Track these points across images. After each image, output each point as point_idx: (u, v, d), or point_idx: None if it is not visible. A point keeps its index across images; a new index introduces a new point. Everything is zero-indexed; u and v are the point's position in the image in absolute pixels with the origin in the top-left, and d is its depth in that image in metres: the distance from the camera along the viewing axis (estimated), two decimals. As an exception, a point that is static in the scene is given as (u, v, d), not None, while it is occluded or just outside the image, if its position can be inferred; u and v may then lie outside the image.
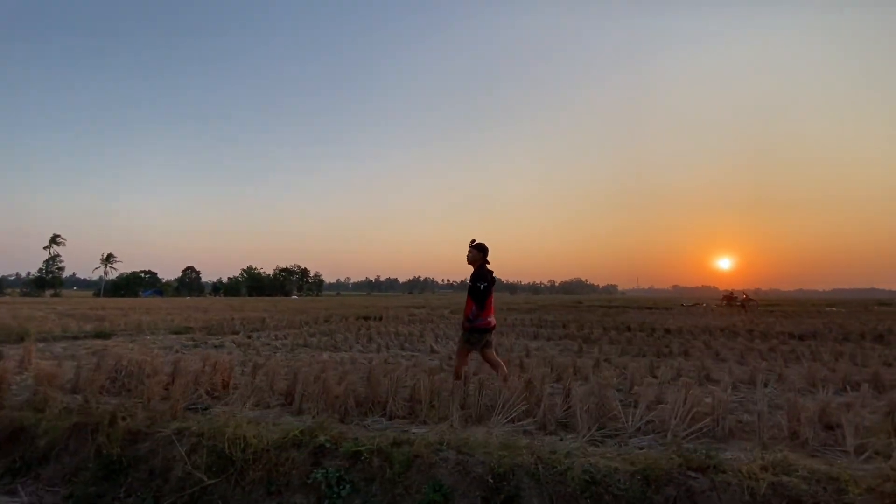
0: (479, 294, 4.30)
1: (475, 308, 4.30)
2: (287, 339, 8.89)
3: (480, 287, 4.32)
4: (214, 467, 2.67)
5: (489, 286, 4.38)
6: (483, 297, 4.32)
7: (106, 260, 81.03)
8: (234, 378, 4.27)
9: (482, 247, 4.51)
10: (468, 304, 4.35)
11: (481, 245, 4.51)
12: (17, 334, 8.42)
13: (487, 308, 4.37)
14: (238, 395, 3.74)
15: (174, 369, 4.12)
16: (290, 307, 23.44)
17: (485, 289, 4.34)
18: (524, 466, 2.51)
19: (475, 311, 4.30)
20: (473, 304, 4.31)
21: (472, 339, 4.35)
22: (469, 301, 4.35)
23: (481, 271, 4.42)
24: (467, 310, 4.35)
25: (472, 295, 4.32)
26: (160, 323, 11.20)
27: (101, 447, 2.86)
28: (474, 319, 4.30)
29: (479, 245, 4.50)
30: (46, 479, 2.81)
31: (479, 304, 4.30)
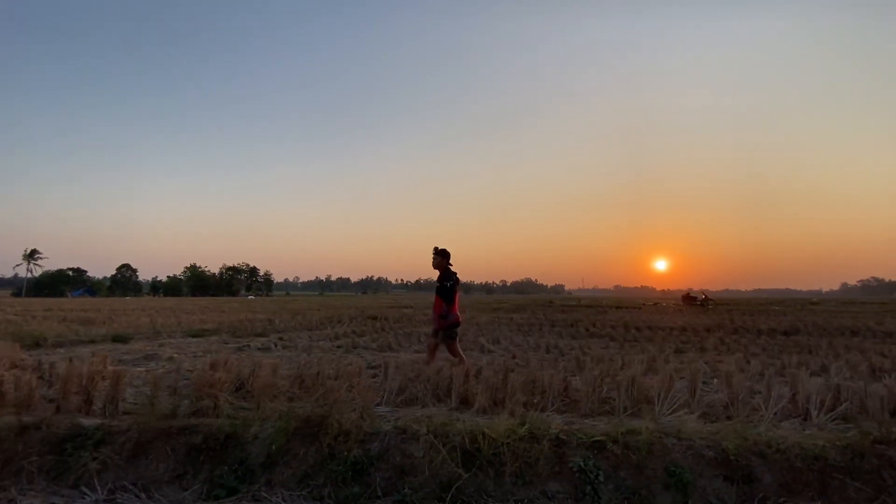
0: (447, 292, 4.83)
1: (445, 305, 4.81)
2: (330, 340, 8.75)
3: (447, 285, 4.84)
4: (459, 461, 2.78)
5: (454, 284, 4.93)
6: (450, 294, 4.85)
7: (29, 256, 73.12)
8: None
9: (445, 252, 5.03)
10: (437, 303, 4.87)
11: (444, 251, 5.03)
12: (29, 340, 7.68)
13: (454, 305, 4.91)
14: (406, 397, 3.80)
15: (336, 371, 4.08)
16: (267, 308, 22.56)
17: (451, 286, 4.87)
18: (749, 448, 2.85)
19: (445, 308, 4.81)
20: (443, 302, 4.82)
21: (453, 334, 4.96)
22: (438, 300, 4.86)
23: (448, 272, 4.96)
24: (437, 308, 4.87)
25: (441, 294, 4.84)
26: (161, 326, 10.54)
27: (333, 449, 2.87)
28: (446, 316, 4.82)
29: (442, 251, 5.03)
30: (280, 483, 2.78)
31: (448, 301, 4.82)
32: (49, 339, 7.58)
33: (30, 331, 8.34)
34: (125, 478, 2.80)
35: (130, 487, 2.73)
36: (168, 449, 2.93)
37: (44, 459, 2.89)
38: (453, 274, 4.98)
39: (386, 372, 4.61)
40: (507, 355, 6.95)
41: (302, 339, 8.95)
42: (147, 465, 2.86)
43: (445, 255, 5.02)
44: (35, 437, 3.00)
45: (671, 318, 15.67)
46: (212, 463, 2.88)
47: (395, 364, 4.55)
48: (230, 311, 17.47)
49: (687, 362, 6.06)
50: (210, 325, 10.85)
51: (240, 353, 7.15)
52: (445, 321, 4.84)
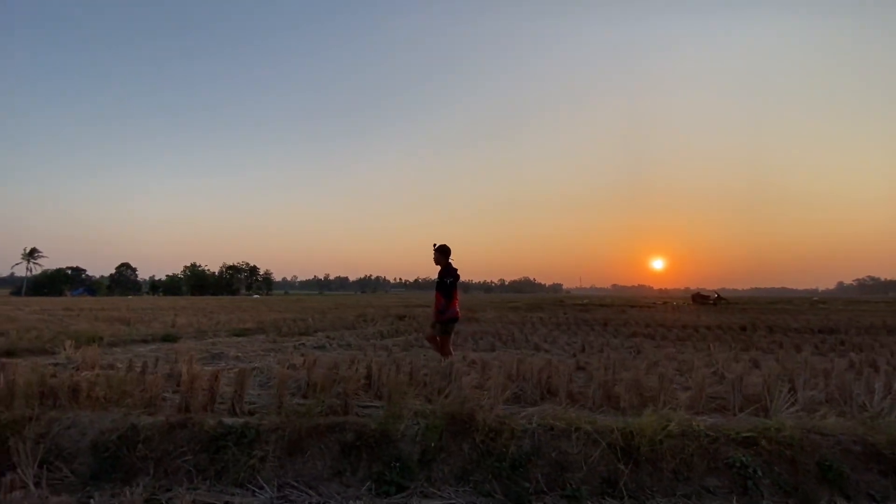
0: (447, 288, 4.98)
1: (444, 301, 4.98)
2: (377, 339, 8.77)
3: (447, 282, 4.99)
4: (619, 457, 2.83)
5: (454, 281, 5.08)
6: (450, 290, 5.00)
7: (29, 255, 72.53)
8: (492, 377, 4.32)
9: (445, 249, 5.17)
10: (437, 299, 5.03)
11: (444, 247, 5.17)
12: (82, 340, 7.66)
13: (453, 301, 5.07)
14: (511, 394, 3.84)
15: (440, 370, 4.11)
16: (284, 307, 22.52)
17: (451, 283, 5.02)
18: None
19: (444, 303, 4.98)
20: (442, 297, 4.97)
21: (448, 328, 5.13)
22: (438, 296, 5.01)
23: (448, 269, 5.10)
24: (437, 303, 5.03)
25: (441, 290, 4.99)
26: (201, 325, 10.52)
27: (487, 445, 2.90)
28: (444, 311, 5.00)
29: (442, 247, 5.16)
30: (440, 480, 2.81)
31: (448, 297, 4.98)
32: (104, 339, 7.56)
33: (83, 330, 8.31)
34: (285, 475, 2.83)
35: (296, 485, 2.75)
36: (322, 446, 2.95)
37: (198, 458, 2.91)
38: (454, 270, 5.11)
39: (484, 370, 4.65)
40: (566, 354, 6.99)
41: (348, 337, 8.96)
42: (304, 462, 2.89)
43: (446, 252, 5.14)
44: (184, 436, 3.02)
45: (696, 317, 15.71)
46: (368, 460, 2.90)
47: (498, 363, 4.58)
48: (251, 311, 17.43)
49: (753, 360, 6.14)
50: (248, 324, 10.83)
51: (300, 352, 7.16)
52: (443, 315, 5.00)
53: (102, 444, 2.98)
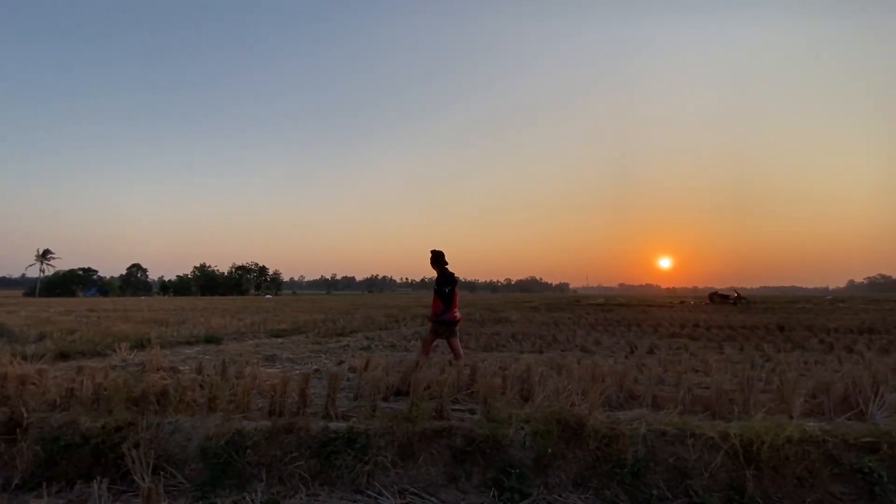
0: (445, 295, 5.26)
1: (442, 306, 5.24)
2: (417, 340, 8.73)
3: (446, 290, 5.26)
4: (742, 464, 2.77)
5: (453, 287, 5.33)
6: (449, 297, 5.27)
7: (42, 256, 73.30)
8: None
9: (440, 254, 5.44)
10: (436, 303, 5.30)
11: (439, 253, 5.43)
12: (131, 342, 7.68)
13: (453, 305, 5.30)
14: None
15: (519, 372, 4.06)
16: (305, 307, 22.57)
17: (450, 291, 5.29)
18: None
19: (442, 308, 5.23)
20: (441, 302, 5.25)
21: (440, 330, 5.32)
22: (436, 300, 5.29)
23: (445, 274, 5.33)
24: (435, 307, 5.28)
25: (440, 296, 5.27)
26: (240, 327, 10.54)
27: (603, 451, 2.86)
28: (441, 314, 5.24)
29: (438, 253, 5.43)
30: (557, 486, 2.77)
31: (446, 302, 5.25)
32: (151, 341, 7.58)
33: (127, 332, 8.35)
34: (401, 481, 2.80)
35: (416, 491, 2.72)
36: (433, 452, 2.92)
37: (309, 463, 2.88)
38: (451, 275, 5.35)
39: (561, 373, 4.60)
40: (617, 356, 6.92)
41: (387, 338, 8.94)
42: (418, 468, 2.86)
43: (441, 257, 5.38)
44: (291, 441, 2.99)
45: (725, 317, 15.46)
46: (481, 465, 2.87)
47: (577, 366, 4.52)
48: (274, 311, 17.47)
49: (811, 362, 6.04)
50: (282, 325, 10.84)
51: (349, 353, 7.15)
52: (439, 318, 5.26)
53: (211, 450, 2.96)
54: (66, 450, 2.96)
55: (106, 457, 2.91)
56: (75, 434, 3.07)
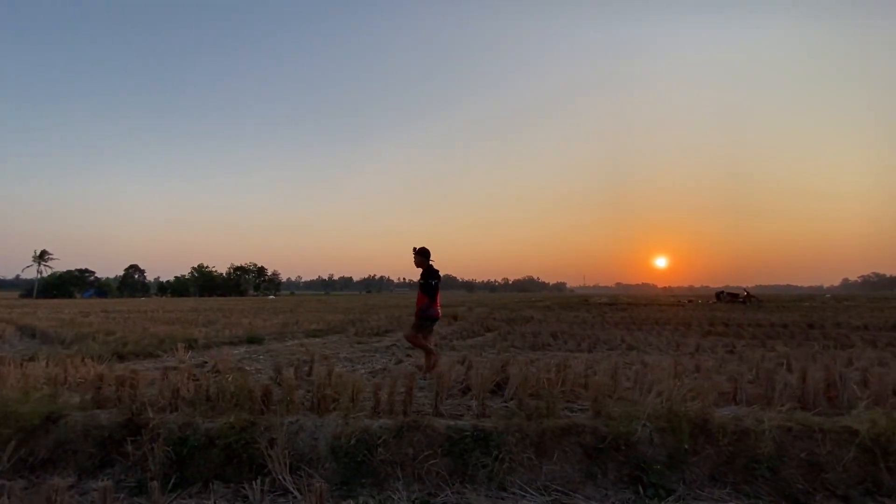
0: (431, 290, 5.20)
1: (427, 301, 5.19)
2: (457, 339, 8.75)
3: (432, 283, 5.21)
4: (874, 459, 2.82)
5: (438, 283, 5.30)
6: (434, 292, 5.22)
7: (40, 257, 72.58)
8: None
9: (424, 251, 5.35)
10: (421, 298, 5.23)
11: (423, 250, 5.35)
12: (177, 341, 7.65)
13: (436, 301, 5.26)
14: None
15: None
16: (316, 307, 22.52)
17: (435, 285, 5.25)
18: None
19: (427, 303, 5.19)
20: (426, 298, 5.19)
21: (424, 325, 5.27)
22: (422, 296, 5.23)
23: (430, 270, 5.29)
24: (420, 302, 5.24)
25: (425, 291, 5.22)
26: (257, 326, 10.52)
27: (736, 447, 2.89)
28: (426, 310, 5.20)
29: (421, 250, 5.34)
30: (694, 482, 2.80)
31: (431, 297, 5.19)
32: (198, 341, 7.56)
33: (171, 333, 8.32)
34: (538, 479, 2.82)
35: (559, 488, 2.75)
36: (565, 449, 2.94)
37: (443, 461, 2.90)
38: (436, 272, 5.30)
39: (642, 372, 4.63)
40: (668, 354, 6.96)
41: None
42: (552, 465, 2.88)
43: (425, 255, 5.32)
44: (419, 439, 3.01)
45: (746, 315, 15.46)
46: (615, 462, 2.90)
47: (659, 366, 4.56)
48: (292, 312, 17.41)
49: (872, 358, 6.12)
50: (315, 325, 10.83)
51: (403, 353, 7.16)
52: (425, 314, 5.19)
53: (341, 449, 2.97)
54: (194, 451, 2.95)
55: (239, 457, 2.92)
56: (198, 434, 3.07)
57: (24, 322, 11.57)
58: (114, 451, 3.07)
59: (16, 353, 7.43)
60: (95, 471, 3.01)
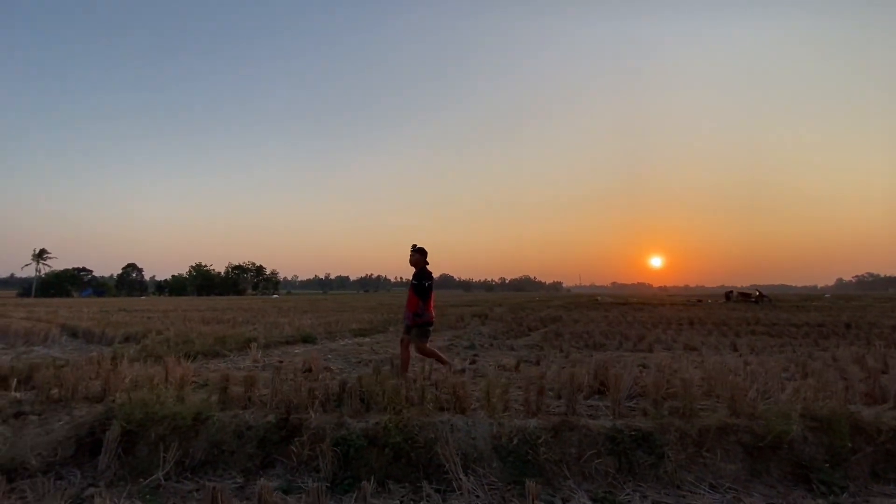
0: (425, 291, 4.88)
1: (421, 304, 4.85)
2: (490, 338, 8.79)
3: (426, 285, 4.90)
4: None
5: (431, 284, 4.99)
6: (427, 293, 4.90)
7: (38, 256, 71.81)
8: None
9: (423, 250, 5.08)
10: (413, 301, 4.87)
11: (422, 249, 5.08)
12: (232, 343, 7.61)
13: (430, 303, 4.95)
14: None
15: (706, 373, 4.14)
16: (330, 307, 22.46)
17: (429, 286, 4.93)
18: None
19: (421, 306, 4.85)
20: (419, 300, 4.84)
21: (424, 332, 4.94)
22: (414, 298, 4.87)
23: (424, 272, 4.99)
24: (413, 305, 4.88)
25: (418, 292, 4.87)
26: (307, 326, 10.50)
27: (893, 445, 2.95)
28: (422, 314, 4.85)
29: (420, 249, 5.07)
30: (858, 481, 2.85)
31: (425, 300, 4.87)
32: (258, 341, 7.55)
33: (222, 333, 8.29)
34: (706, 477, 2.87)
35: (730, 485, 2.79)
36: (725, 448, 2.99)
37: (606, 461, 2.94)
38: (429, 273, 5.04)
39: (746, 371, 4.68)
40: (730, 355, 7.02)
41: (470, 338, 8.97)
42: (716, 464, 2.92)
43: (423, 253, 5.06)
44: (575, 438, 3.04)
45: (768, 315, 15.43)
46: (775, 461, 2.95)
47: (768, 366, 4.61)
48: (317, 311, 17.37)
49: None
50: (353, 325, 10.82)
51: (462, 351, 7.18)
52: (420, 319, 4.86)
53: (503, 448, 3.00)
54: (359, 451, 2.97)
55: (407, 456, 2.93)
56: (354, 434, 3.08)
57: (62, 322, 11.48)
58: (275, 452, 3.08)
59: (72, 353, 7.37)
60: (258, 471, 3.01)
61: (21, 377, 4.87)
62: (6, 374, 4.76)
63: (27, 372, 4.96)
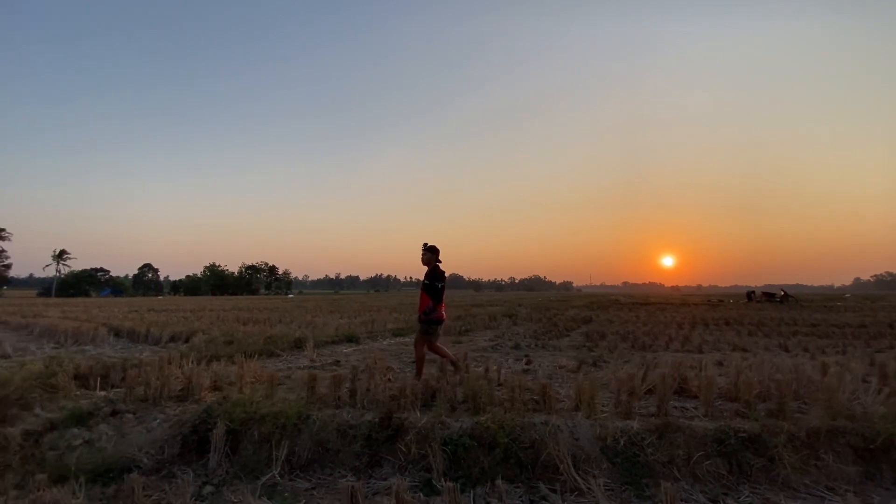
0: (437, 291, 4.88)
1: (431, 303, 4.85)
2: (534, 339, 8.77)
3: (438, 286, 4.89)
4: None
5: (443, 285, 4.96)
6: (439, 294, 4.90)
7: (58, 256, 73.20)
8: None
9: (434, 249, 5.05)
10: (424, 300, 4.90)
11: (434, 248, 5.05)
12: (284, 343, 7.70)
13: (441, 303, 4.95)
14: None
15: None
16: (354, 307, 22.57)
17: (441, 287, 4.92)
18: None
19: (431, 305, 4.85)
20: (430, 299, 4.85)
21: (430, 329, 4.92)
22: (425, 297, 4.89)
23: (437, 271, 4.97)
24: (423, 305, 4.89)
25: (430, 292, 4.87)
26: (345, 326, 10.58)
27: None
28: (430, 313, 4.86)
29: (431, 248, 5.04)
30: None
31: (436, 299, 4.87)
32: (312, 341, 7.62)
33: (279, 333, 8.39)
34: (821, 479, 2.84)
35: (847, 488, 2.77)
36: (836, 451, 2.96)
37: (715, 462, 2.93)
38: (442, 273, 5.02)
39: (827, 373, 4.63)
40: (785, 356, 6.93)
41: (513, 338, 8.96)
42: (828, 466, 2.90)
43: (435, 252, 5.04)
44: (679, 440, 3.04)
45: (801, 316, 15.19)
46: (887, 463, 2.92)
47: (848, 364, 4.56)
48: (343, 311, 17.48)
49: None
50: (389, 325, 10.88)
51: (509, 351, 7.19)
52: (429, 316, 4.88)
53: (610, 449, 3.01)
54: (468, 451, 2.99)
55: (515, 457, 2.95)
56: (455, 433, 3.11)
57: (103, 322, 11.71)
58: (382, 451, 3.12)
59: (122, 352, 7.51)
60: (366, 470, 3.05)
61: (98, 376, 5.00)
62: (85, 373, 4.89)
63: (103, 371, 5.09)
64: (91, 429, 3.57)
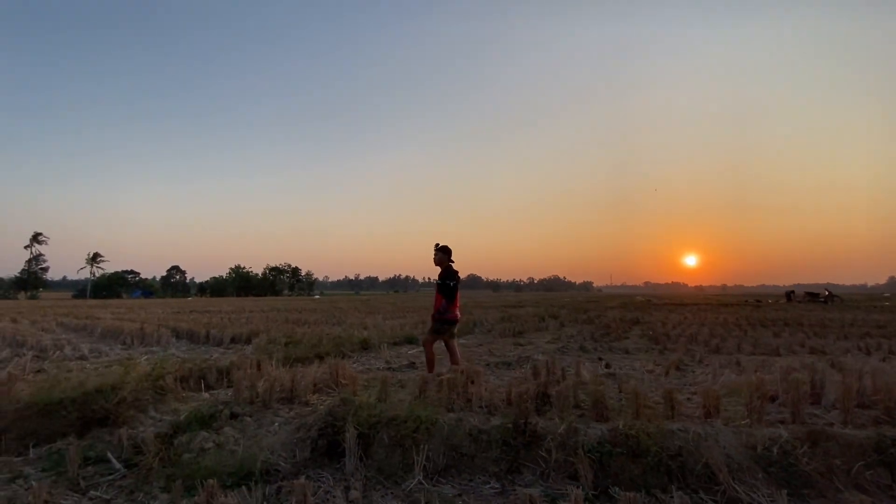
0: (450, 291, 4.95)
1: (444, 303, 4.92)
2: (594, 341, 8.63)
3: (451, 285, 4.95)
4: None
5: (456, 284, 5.03)
6: (452, 293, 4.96)
7: (92, 259, 75.80)
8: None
9: (447, 249, 5.10)
10: (438, 300, 4.97)
11: (446, 248, 5.10)
12: (348, 345, 7.74)
13: (454, 303, 5.01)
14: None
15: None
16: (388, 308, 22.69)
17: (454, 286, 4.99)
18: None
19: (444, 305, 4.92)
20: (443, 299, 4.92)
21: (442, 329, 5.01)
22: (439, 297, 4.96)
23: (449, 271, 5.03)
24: (437, 304, 4.97)
25: (443, 292, 4.94)
26: (397, 327, 10.61)
27: None
28: (444, 312, 4.93)
29: (443, 248, 5.09)
30: None
31: (449, 299, 4.93)
32: (370, 342, 7.65)
33: (346, 335, 8.46)
34: None
35: None
36: None
37: (878, 472, 2.79)
38: (455, 273, 5.06)
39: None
40: (865, 359, 6.66)
41: (568, 341, 8.82)
42: None
43: (447, 252, 5.09)
44: (829, 449, 2.91)
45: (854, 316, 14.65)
46: None
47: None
48: (380, 311, 17.58)
49: None
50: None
51: (597, 356, 7.08)
52: (443, 316, 4.94)
53: (763, 458, 2.90)
54: (613, 458, 2.92)
55: (665, 465, 2.87)
56: (592, 440, 3.05)
57: (159, 323, 12.00)
58: (521, 457, 3.07)
59: (189, 353, 7.66)
60: (507, 476, 3.01)
61: (197, 378, 5.10)
62: (185, 376, 4.98)
63: (200, 373, 5.19)
64: (217, 431, 3.62)
